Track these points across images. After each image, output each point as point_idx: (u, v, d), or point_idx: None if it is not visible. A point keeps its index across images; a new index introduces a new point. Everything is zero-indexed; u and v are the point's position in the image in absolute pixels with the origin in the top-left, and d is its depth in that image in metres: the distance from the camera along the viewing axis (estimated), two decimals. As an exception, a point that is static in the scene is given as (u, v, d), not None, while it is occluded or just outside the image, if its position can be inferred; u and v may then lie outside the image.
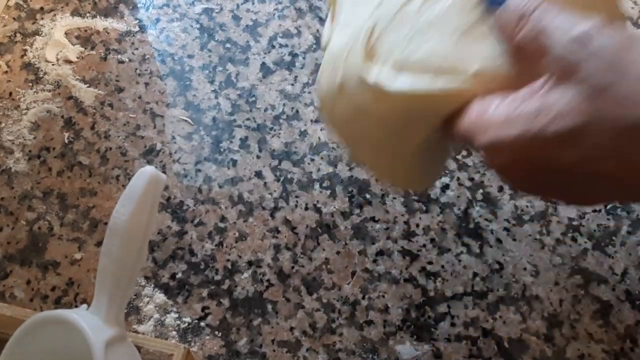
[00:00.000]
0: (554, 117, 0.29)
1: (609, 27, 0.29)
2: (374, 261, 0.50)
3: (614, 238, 0.51)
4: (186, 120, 0.57)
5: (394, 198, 0.53)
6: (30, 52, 0.61)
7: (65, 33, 0.62)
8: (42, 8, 0.64)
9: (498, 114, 0.32)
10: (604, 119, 0.28)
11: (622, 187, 0.31)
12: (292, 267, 0.51)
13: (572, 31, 0.29)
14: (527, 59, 0.33)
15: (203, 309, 0.49)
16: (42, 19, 0.63)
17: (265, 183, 0.54)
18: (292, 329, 0.48)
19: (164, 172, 0.53)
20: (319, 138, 0.56)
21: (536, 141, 0.30)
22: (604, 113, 0.28)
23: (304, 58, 0.60)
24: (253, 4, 0.63)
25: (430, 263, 0.50)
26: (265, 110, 0.57)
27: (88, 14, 0.63)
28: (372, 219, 0.52)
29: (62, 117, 0.58)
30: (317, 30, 0.61)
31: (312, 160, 0.55)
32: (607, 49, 0.28)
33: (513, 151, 0.31)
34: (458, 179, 0.53)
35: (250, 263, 0.51)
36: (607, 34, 0.29)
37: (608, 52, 0.28)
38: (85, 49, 0.61)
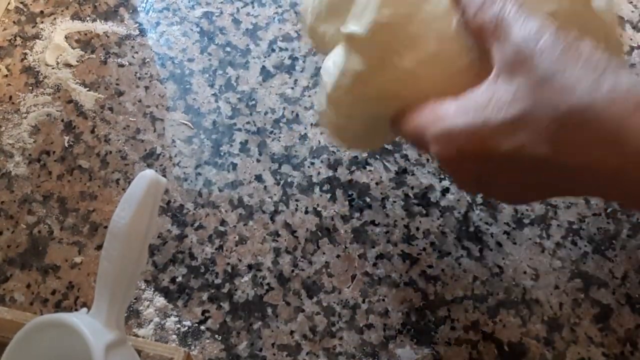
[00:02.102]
0: (501, 106, 0.32)
1: (562, 30, 0.32)
2: (374, 265, 0.50)
3: (614, 242, 0.51)
4: (186, 124, 0.57)
5: (394, 202, 0.53)
6: (30, 55, 0.61)
7: (65, 37, 0.62)
8: (42, 12, 0.64)
9: (449, 107, 0.34)
10: (543, 107, 0.31)
11: (556, 177, 0.32)
12: (292, 271, 0.51)
13: (528, 26, 0.32)
14: (481, 43, 0.35)
15: (203, 312, 0.49)
16: (42, 22, 0.63)
17: (265, 187, 0.54)
18: (292, 332, 0.48)
19: (164, 176, 0.53)
20: (319, 142, 0.56)
21: (484, 129, 0.33)
22: (545, 101, 0.31)
23: (304, 62, 0.60)
24: (253, 7, 0.63)
25: (430, 267, 0.50)
26: (266, 113, 0.57)
27: (88, 18, 0.63)
28: (372, 222, 0.52)
29: (62, 120, 0.58)
30: (317, 34, 0.61)
31: (312, 163, 0.55)
32: (556, 47, 0.31)
33: (462, 141, 0.33)
34: (458, 182, 0.53)
35: (250, 266, 0.51)
36: (559, 34, 0.32)
37: (556, 49, 0.31)
38: (85, 52, 0.61)
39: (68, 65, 0.61)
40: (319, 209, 0.53)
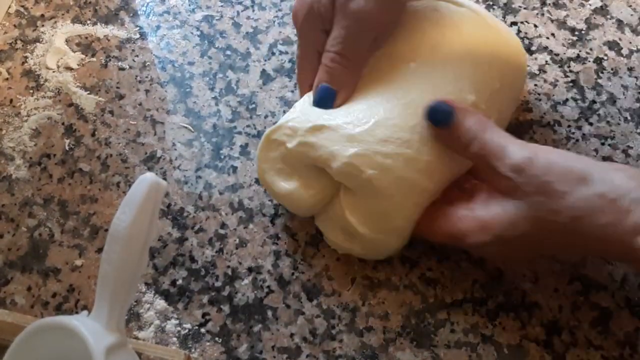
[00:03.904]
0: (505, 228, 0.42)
1: (540, 153, 0.42)
2: (374, 268, 0.51)
3: (613, 244, 0.51)
4: (186, 127, 0.57)
5: (394, 205, 0.53)
6: (31, 59, 0.61)
7: (66, 40, 0.62)
8: (42, 15, 0.64)
9: (471, 222, 0.44)
10: (538, 226, 0.41)
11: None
12: (292, 274, 0.51)
13: (513, 158, 0.42)
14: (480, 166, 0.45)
15: (203, 315, 0.49)
16: (43, 26, 0.63)
17: (265, 190, 0.54)
18: (292, 335, 0.48)
19: (165, 179, 0.54)
20: (319, 145, 0.56)
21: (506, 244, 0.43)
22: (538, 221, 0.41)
23: (304, 65, 0.60)
24: (253, 11, 0.63)
25: (430, 270, 0.50)
26: (266, 117, 0.58)
27: (89, 21, 0.64)
28: (372, 225, 0.52)
29: (63, 124, 0.58)
30: (317, 38, 0.61)
31: (312, 167, 0.55)
32: (537, 176, 0.41)
33: (493, 247, 0.44)
34: (457, 185, 0.53)
35: (250, 269, 0.51)
36: (536, 163, 0.41)
37: (537, 178, 0.41)
38: (86, 56, 0.61)
39: (69, 68, 0.61)
40: (319, 212, 0.53)
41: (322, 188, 0.48)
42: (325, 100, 0.49)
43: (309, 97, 0.50)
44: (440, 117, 0.45)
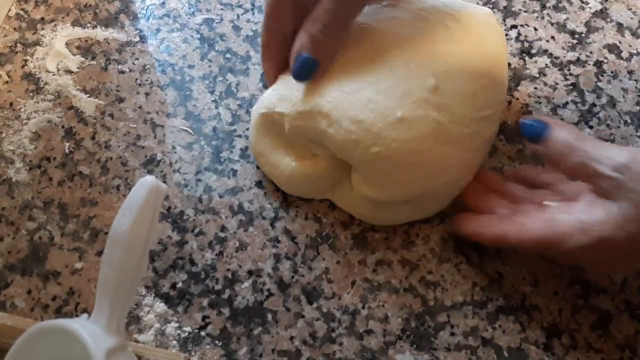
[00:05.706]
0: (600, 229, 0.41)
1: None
2: (374, 271, 0.51)
3: (613, 247, 0.51)
4: (186, 130, 0.57)
5: (394, 208, 0.53)
6: (31, 62, 0.61)
7: (66, 43, 0.62)
8: (42, 18, 0.64)
9: (567, 222, 0.43)
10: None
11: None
12: (292, 277, 0.51)
13: (615, 159, 0.41)
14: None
15: (203, 318, 0.49)
16: (43, 29, 0.63)
17: (265, 193, 0.54)
18: (292, 338, 0.48)
19: (165, 182, 0.54)
20: (319, 148, 0.56)
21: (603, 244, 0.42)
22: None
23: (303, 68, 0.60)
24: (253, 14, 0.63)
25: (430, 273, 0.50)
26: (265, 120, 0.58)
27: (89, 25, 0.64)
28: (372, 228, 0.52)
29: (63, 127, 0.58)
30: (317, 41, 0.61)
31: (312, 170, 0.55)
32: None
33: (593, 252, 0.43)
34: (457, 188, 0.53)
35: (250, 272, 0.51)
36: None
37: None
38: (86, 59, 0.61)
39: (69, 71, 0.61)
40: (319, 215, 0.53)
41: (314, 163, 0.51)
42: (307, 71, 0.47)
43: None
44: (535, 133, 0.46)
